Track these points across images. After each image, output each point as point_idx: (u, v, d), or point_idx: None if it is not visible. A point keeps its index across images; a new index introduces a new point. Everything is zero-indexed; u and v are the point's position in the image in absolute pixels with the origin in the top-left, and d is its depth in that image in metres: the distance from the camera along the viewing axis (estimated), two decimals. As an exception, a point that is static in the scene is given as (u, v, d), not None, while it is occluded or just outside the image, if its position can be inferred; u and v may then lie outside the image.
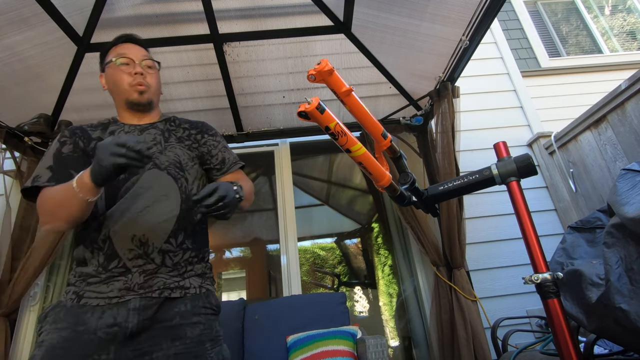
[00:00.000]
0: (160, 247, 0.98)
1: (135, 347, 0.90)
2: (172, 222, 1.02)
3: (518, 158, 0.93)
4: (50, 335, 0.89)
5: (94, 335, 0.88)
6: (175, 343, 0.93)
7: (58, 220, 0.93)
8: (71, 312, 0.92)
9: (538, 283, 0.83)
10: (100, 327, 0.89)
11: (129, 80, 1.11)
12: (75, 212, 0.90)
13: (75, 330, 0.89)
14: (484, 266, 2.44)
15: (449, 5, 1.77)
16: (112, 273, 0.95)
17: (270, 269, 3.25)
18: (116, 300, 0.92)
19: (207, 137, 1.21)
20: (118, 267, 0.95)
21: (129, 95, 1.12)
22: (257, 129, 2.62)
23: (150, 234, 0.98)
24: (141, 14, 1.94)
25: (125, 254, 0.96)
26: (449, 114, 2.18)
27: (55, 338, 0.88)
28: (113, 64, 1.13)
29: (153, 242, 0.98)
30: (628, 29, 4.38)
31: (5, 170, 2.25)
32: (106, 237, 0.97)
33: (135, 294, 0.93)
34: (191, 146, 1.17)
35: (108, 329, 0.89)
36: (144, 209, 1.00)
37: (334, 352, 1.80)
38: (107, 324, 0.90)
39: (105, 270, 0.95)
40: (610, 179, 2.13)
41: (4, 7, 1.64)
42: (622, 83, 1.89)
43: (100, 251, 0.97)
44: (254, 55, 2.20)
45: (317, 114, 0.74)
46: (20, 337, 2.17)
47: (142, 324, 0.91)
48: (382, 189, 0.88)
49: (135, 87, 1.11)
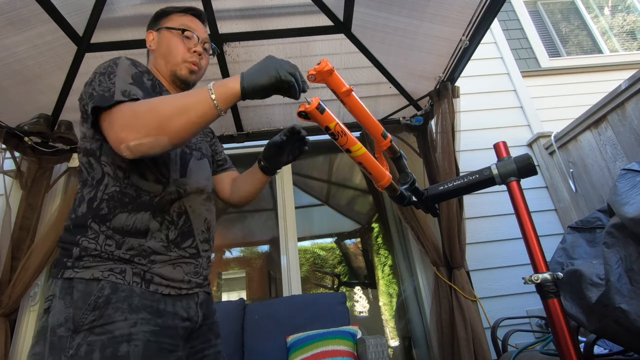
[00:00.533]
0: (214, 235, 0.99)
1: (192, 343, 0.87)
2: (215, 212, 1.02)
3: (518, 158, 0.93)
4: (139, 327, 0.73)
5: (174, 330, 0.79)
6: (218, 340, 0.94)
7: (166, 134, 0.73)
8: (145, 300, 0.77)
9: (538, 283, 0.83)
10: (176, 321, 0.81)
11: (186, 55, 1.04)
12: (196, 125, 0.74)
13: (156, 322, 0.76)
14: (484, 266, 2.44)
15: (449, 5, 1.77)
16: (184, 253, 0.85)
17: (270, 269, 3.25)
18: (185, 291, 0.84)
19: (215, 139, 1.24)
20: (191, 247, 0.87)
21: (179, 69, 1.03)
22: (257, 129, 2.62)
23: (212, 220, 0.98)
24: (141, 14, 1.94)
25: (199, 235, 0.90)
26: (449, 114, 2.18)
27: (147, 331, 0.74)
28: (177, 31, 1.04)
29: (213, 229, 0.98)
30: (628, 28, 4.38)
31: (5, 170, 2.25)
32: (182, 210, 0.87)
33: (198, 285, 0.89)
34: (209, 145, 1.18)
35: (183, 323, 0.82)
36: (209, 194, 0.99)
37: (334, 352, 1.81)
38: (181, 317, 0.82)
39: (178, 247, 0.85)
40: (610, 179, 2.13)
41: (3, 7, 1.63)
42: (622, 83, 1.89)
43: (173, 225, 0.85)
44: (254, 55, 2.20)
45: (317, 114, 0.74)
46: (20, 337, 2.17)
47: (202, 319, 0.90)
48: (382, 189, 0.88)
49: (189, 64, 1.04)
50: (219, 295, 3.57)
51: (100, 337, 0.70)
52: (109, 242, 0.79)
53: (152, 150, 0.75)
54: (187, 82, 1.07)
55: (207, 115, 0.74)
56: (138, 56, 1.71)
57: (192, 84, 1.09)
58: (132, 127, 0.74)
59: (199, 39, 1.07)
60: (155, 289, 0.79)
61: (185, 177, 0.90)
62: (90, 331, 0.71)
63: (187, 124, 0.74)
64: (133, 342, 0.71)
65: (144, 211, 0.82)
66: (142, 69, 0.94)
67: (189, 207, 0.89)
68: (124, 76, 0.84)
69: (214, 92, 0.73)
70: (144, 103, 0.77)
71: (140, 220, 0.82)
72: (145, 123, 0.74)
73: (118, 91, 0.78)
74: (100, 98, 0.78)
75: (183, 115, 0.73)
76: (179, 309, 0.82)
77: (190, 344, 0.86)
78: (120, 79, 0.82)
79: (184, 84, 1.07)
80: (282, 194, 2.71)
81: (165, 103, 0.76)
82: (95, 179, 0.85)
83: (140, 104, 0.77)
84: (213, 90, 0.74)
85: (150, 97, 0.84)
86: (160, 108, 0.75)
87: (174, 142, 0.75)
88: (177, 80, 1.06)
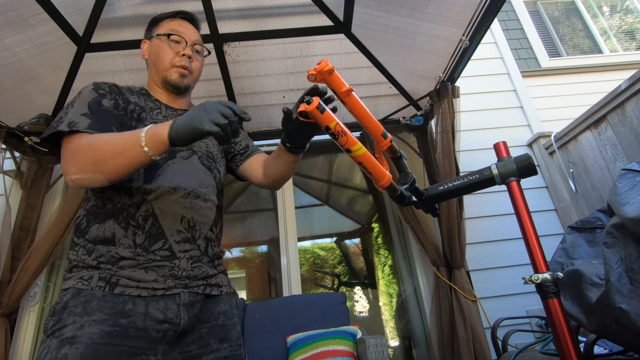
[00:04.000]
0: (206, 233, 0.94)
1: (184, 349, 0.83)
2: (213, 210, 0.99)
3: (518, 158, 0.93)
4: (86, 329, 0.74)
5: (144, 332, 0.78)
6: (224, 345, 0.89)
7: (101, 172, 0.78)
8: (106, 302, 0.78)
9: (538, 283, 0.83)
10: (148, 323, 0.79)
11: (175, 59, 1.04)
12: (128, 167, 0.78)
13: (117, 323, 0.76)
14: (484, 266, 2.44)
15: (449, 5, 1.77)
16: (155, 256, 0.84)
17: (270, 269, 3.25)
18: (162, 292, 0.82)
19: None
20: (162, 249, 0.85)
21: (169, 74, 1.04)
22: (257, 129, 2.62)
23: (199, 218, 0.93)
24: (141, 14, 1.94)
25: (174, 235, 0.87)
26: (449, 114, 2.18)
27: (96, 332, 0.74)
28: (164, 37, 1.06)
29: (200, 227, 0.93)
30: (626, 28, 4.38)
31: (5, 170, 2.24)
32: (149, 214, 0.87)
33: (182, 286, 0.85)
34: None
35: (158, 325, 0.80)
36: (192, 192, 0.94)
37: (334, 352, 1.81)
38: (156, 319, 0.80)
39: (147, 251, 0.84)
40: (610, 179, 2.13)
41: (3, 7, 1.63)
42: (622, 83, 1.89)
43: (139, 229, 0.85)
44: (254, 55, 2.20)
45: (317, 113, 0.73)
46: (20, 337, 2.17)
47: (190, 322, 0.85)
48: (382, 189, 0.88)
49: (178, 68, 1.04)
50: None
51: (54, 340, 0.74)
52: (83, 252, 0.85)
53: (92, 185, 0.82)
54: (178, 87, 1.07)
55: (138, 160, 0.77)
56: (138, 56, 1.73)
57: (185, 88, 1.09)
58: (73, 162, 0.81)
59: (188, 41, 1.07)
60: (122, 290, 0.80)
61: (152, 181, 0.90)
62: (51, 336, 0.75)
63: (120, 166, 0.78)
64: (75, 344, 0.72)
65: (109, 219, 0.86)
66: (105, 90, 0.96)
67: (158, 209, 0.88)
68: (79, 105, 0.88)
69: (144, 139, 0.75)
70: (88, 139, 0.82)
71: (107, 229, 0.85)
72: (83, 160, 0.80)
73: (66, 122, 0.84)
74: (49, 128, 0.86)
75: (117, 157, 0.78)
76: (153, 310, 0.80)
77: (181, 348, 0.83)
78: (74, 109, 0.87)
79: (176, 89, 1.07)
80: (282, 194, 2.71)
81: (103, 143, 0.81)
82: (85, 198, 0.94)
83: (85, 140, 0.82)
84: (144, 136, 0.76)
85: (109, 119, 0.90)
86: (99, 147, 0.80)
87: (111, 180, 0.80)
88: (168, 86, 1.07)
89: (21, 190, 2.27)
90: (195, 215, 0.92)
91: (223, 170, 1.11)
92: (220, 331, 0.90)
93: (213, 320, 0.90)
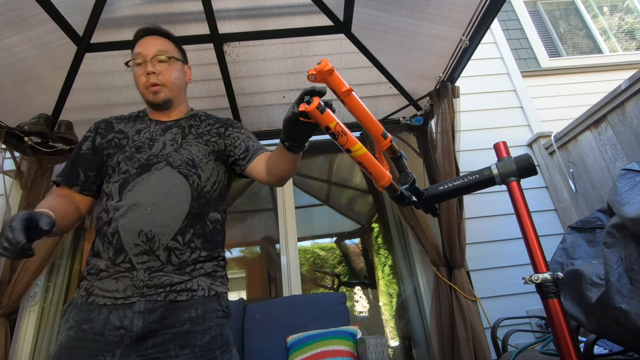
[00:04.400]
0: (166, 244, 0.96)
1: (143, 352, 0.89)
2: (180, 219, 1.00)
3: (518, 158, 0.93)
4: (60, 335, 0.91)
5: (100, 336, 0.88)
6: (184, 351, 0.90)
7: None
8: (80, 310, 0.92)
9: (538, 283, 0.83)
10: (107, 329, 0.89)
11: (144, 81, 1.11)
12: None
13: (80, 329, 0.89)
14: (484, 266, 2.44)
15: (449, 5, 1.77)
16: (120, 268, 0.94)
17: (270, 269, 3.25)
18: (122, 301, 0.91)
19: (231, 129, 1.18)
20: (124, 262, 0.94)
21: (146, 96, 1.13)
22: (257, 129, 2.62)
23: (158, 230, 0.96)
24: (141, 14, 1.94)
25: (132, 248, 0.95)
26: (449, 114, 2.18)
27: (64, 338, 0.89)
28: (132, 63, 1.13)
29: (159, 239, 0.96)
30: (626, 28, 4.38)
31: (5, 170, 2.24)
32: (115, 230, 0.97)
33: (140, 295, 0.92)
34: (209, 141, 1.14)
35: (115, 331, 0.89)
36: (153, 205, 0.98)
37: (334, 352, 1.80)
38: (113, 325, 0.89)
39: (114, 264, 0.95)
40: (610, 179, 2.13)
41: (3, 7, 1.63)
42: (622, 83, 1.89)
43: (110, 245, 0.96)
44: (254, 55, 2.20)
45: (317, 113, 0.74)
46: (20, 337, 2.16)
47: (148, 327, 0.90)
48: (382, 189, 0.88)
49: (149, 88, 1.10)
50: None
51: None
52: (86, 266, 1.00)
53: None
54: (158, 104, 1.14)
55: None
56: (138, 56, 1.63)
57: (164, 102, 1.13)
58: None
59: (147, 58, 1.11)
60: (93, 299, 0.93)
61: (121, 199, 1.01)
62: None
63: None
64: (55, 346, 0.90)
65: (97, 236, 1.02)
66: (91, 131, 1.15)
67: (120, 226, 0.97)
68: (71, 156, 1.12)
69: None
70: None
71: (96, 244, 1.00)
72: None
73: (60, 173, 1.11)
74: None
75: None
76: (113, 317, 0.90)
77: (140, 352, 0.89)
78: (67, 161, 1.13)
79: (158, 106, 1.14)
80: (282, 194, 2.71)
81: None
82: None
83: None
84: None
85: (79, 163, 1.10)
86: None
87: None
88: (151, 105, 1.16)
89: (21, 190, 2.27)
90: (154, 227, 0.97)
91: (208, 173, 1.10)
92: (183, 338, 0.91)
93: (178, 327, 0.92)
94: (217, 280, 1.04)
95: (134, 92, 2.33)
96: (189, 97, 2.51)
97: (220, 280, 1.05)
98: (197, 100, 2.41)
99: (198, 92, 2.37)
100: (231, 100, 2.39)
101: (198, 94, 2.38)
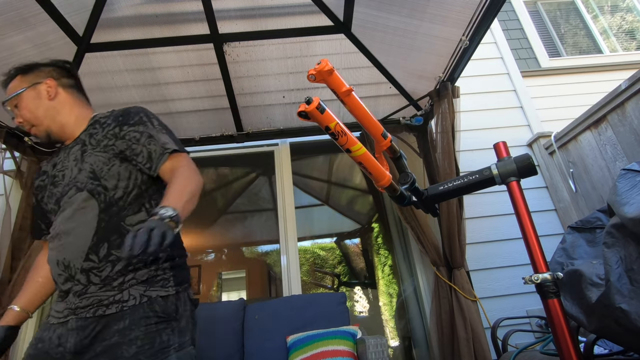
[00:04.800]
0: (81, 266, 0.97)
1: None
2: (88, 237, 0.98)
3: (518, 158, 0.93)
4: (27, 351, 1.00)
5: (47, 355, 0.95)
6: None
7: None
8: (41, 329, 1.01)
9: (538, 283, 0.83)
10: (50, 347, 0.95)
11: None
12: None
13: (36, 347, 0.97)
14: (484, 266, 2.44)
15: (449, 5, 1.77)
16: (61, 293, 1.03)
17: (270, 269, 3.25)
18: (62, 320, 0.97)
19: (126, 129, 1.07)
20: (61, 291, 1.02)
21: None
22: (257, 129, 2.62)
23: (70, 255, 0.99)
24: (141, 14, 1.94)
25: (58, 279, 1.02)
26: (449, 114, 2.18)
27: (25, 354, 0.99)
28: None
29: (74, 264, 0.98)
30: (627, 28, 4.38)
31: (5, 170, 2.24)
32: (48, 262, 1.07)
33: (72, 313, 0.97)
34: (107, 145, 1.06)
35: (56, 348, 0.95)
36: (62, 233, 1.02)
37: (334, 352, 1.80)
38: (54, 344, 0.95)
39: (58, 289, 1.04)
40: (610, 179, 2.13)
41: (3, 7, 1.64)
42: (622, 83, 1.89)
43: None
44: (254, 55, 2.20)
45: (317, 113, 0.74)
46: (20, 338, 2.17)
47: (80, 344, 0.93)
48: (382, 189, 0.88)
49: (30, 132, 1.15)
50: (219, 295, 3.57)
51: None
52: None
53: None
54: (42, 139, 1.16)
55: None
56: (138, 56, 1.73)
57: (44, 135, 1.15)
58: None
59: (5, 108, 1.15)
60: (48, 319, 1.01)
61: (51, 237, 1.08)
62: None
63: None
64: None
65: None
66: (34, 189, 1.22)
67: (49, 261, 1.06)
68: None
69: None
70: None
71: None
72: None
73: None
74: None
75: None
76: (54, 336, 0.96)
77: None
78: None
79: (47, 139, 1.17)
80: (282, 194, 2.71)
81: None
82: None
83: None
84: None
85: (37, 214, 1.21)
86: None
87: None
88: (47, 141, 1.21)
89: (21, 190, 2.27)
90: (67, 254, 1.00)
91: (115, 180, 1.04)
92: (112, 350, 0.91)
93: (108, 339, 0.93)
94: (156, 285, 0.98)
95: (134, 92, 2.35)
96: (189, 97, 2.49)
97: (161, 283, 0.99)
98: (197, 100, 2.41)
99: (198, 92, 2.37)
100: (231, 100, 2.39)
101: (198, 94, 2.39)
